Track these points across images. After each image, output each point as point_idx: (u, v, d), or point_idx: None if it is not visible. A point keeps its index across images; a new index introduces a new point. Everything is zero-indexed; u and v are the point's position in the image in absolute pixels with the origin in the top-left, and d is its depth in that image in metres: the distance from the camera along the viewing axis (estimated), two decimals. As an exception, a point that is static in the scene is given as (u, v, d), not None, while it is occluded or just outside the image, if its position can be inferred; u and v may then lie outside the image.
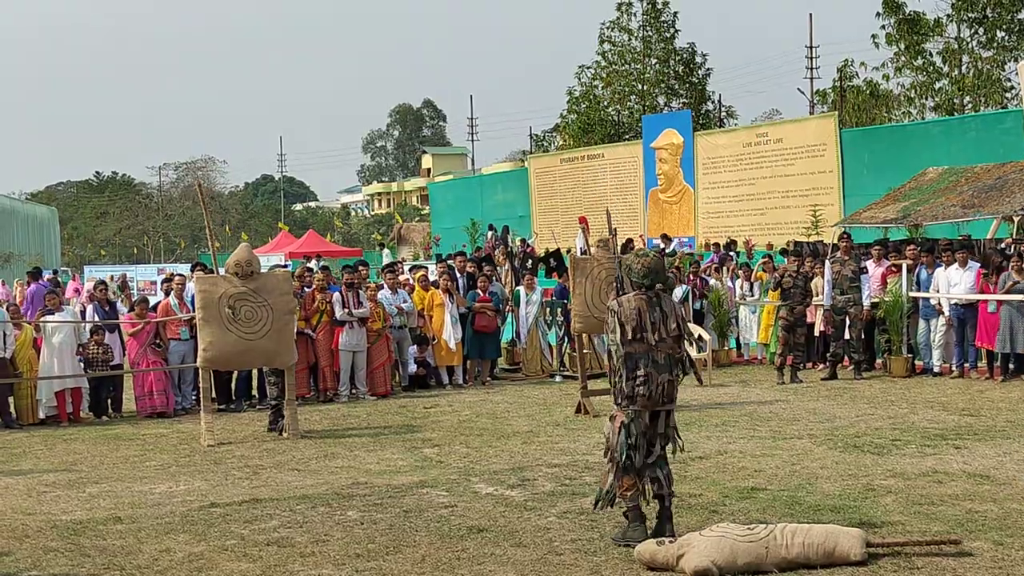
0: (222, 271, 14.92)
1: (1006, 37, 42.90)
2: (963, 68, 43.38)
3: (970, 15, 42.88)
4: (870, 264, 19.72)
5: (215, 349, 14.24)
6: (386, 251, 43.05)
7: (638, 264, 8.97)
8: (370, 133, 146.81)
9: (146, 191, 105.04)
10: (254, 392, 18.01)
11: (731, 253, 26.14)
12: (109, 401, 17.28)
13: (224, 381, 17.55)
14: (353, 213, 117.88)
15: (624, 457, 8.66)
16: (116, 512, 10.25)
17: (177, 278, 18.71)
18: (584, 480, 10.96)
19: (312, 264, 25.34)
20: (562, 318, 20.65)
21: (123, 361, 17.67)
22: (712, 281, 22.41)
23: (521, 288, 21.05)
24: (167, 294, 18.03)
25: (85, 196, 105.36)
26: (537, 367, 20.71)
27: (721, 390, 17.78)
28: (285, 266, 28.83)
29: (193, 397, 17.38)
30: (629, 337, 8.71)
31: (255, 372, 17.48)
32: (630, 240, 29.47)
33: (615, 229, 16.31)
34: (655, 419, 8.77)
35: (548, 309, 21.29)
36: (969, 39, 43.50)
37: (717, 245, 29.59)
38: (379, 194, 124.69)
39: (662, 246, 31.52)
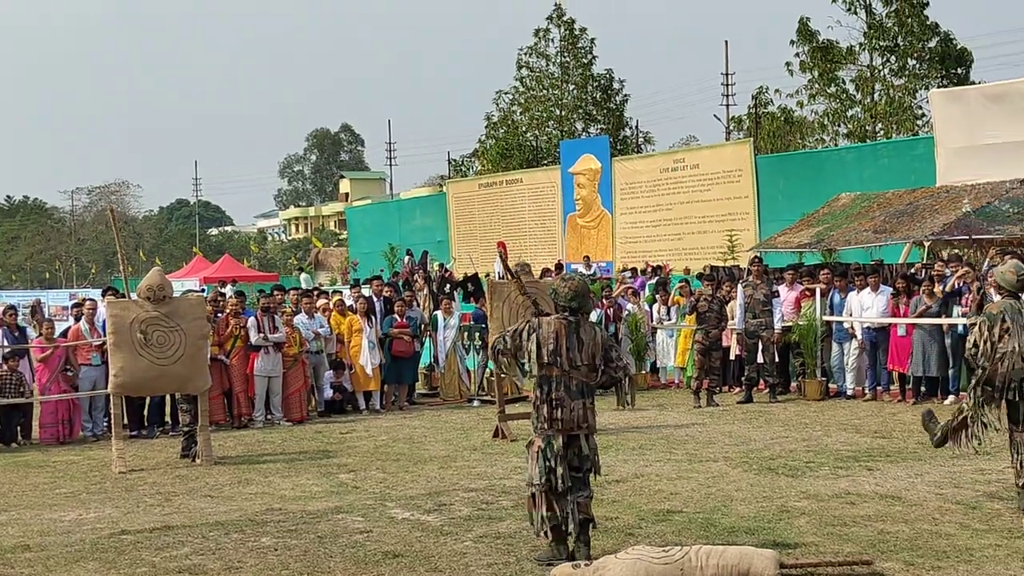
0: (134, 296, 14.74)
1: (917, 65, 43.66)
2: (875, 96, 44.06)
3: (882, 44, 43.59)
4: (783, 288, 19.92)
5: (126, 375, 14.05)
6: (304, 276, 42.75)
7: (564, 287, 9.02)
8: (287, 157, 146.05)
9: (58, 215, 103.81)
10: (167, 418, 17.78)
11: (664, 277, 26.25)
12: (19, 428, 16.97)
13: (136, 407, 17.29)
14: (270, 238, 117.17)
15: (544, 480, 8.69)
16: (24, 540, 10.06)
17: (88, 303, 18.44)
18: (501, 504, 10.94)
19: (226, 289, 25.12)
20: (480, 343, 20.64)
21: (33, 387, 17.37)
22: (629, 305, 22.50)
23: (439, 313, 21.00)
24: (77, 319, 17.77)
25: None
26: (455, 392, 20.66)
27: (638, 414, 17.84)
28: (200, 291, 28.55)
29: (104, 423, 17.12)
30: (545, 360, 8.76)
31: (168, 398, 17.27)
32: (559, 265, 29.62)
33: (524, 265, 16.36)
34: (572, 442, 8.81)
35: (466, 334, 21.28)
36: (881, 67, 44.21)
37: (635, 270, 29.74)
38: (296, 219, 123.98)
39: (582, 270, 31.66)
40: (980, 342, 10.19)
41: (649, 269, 28.96)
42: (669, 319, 21.93)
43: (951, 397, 17.41)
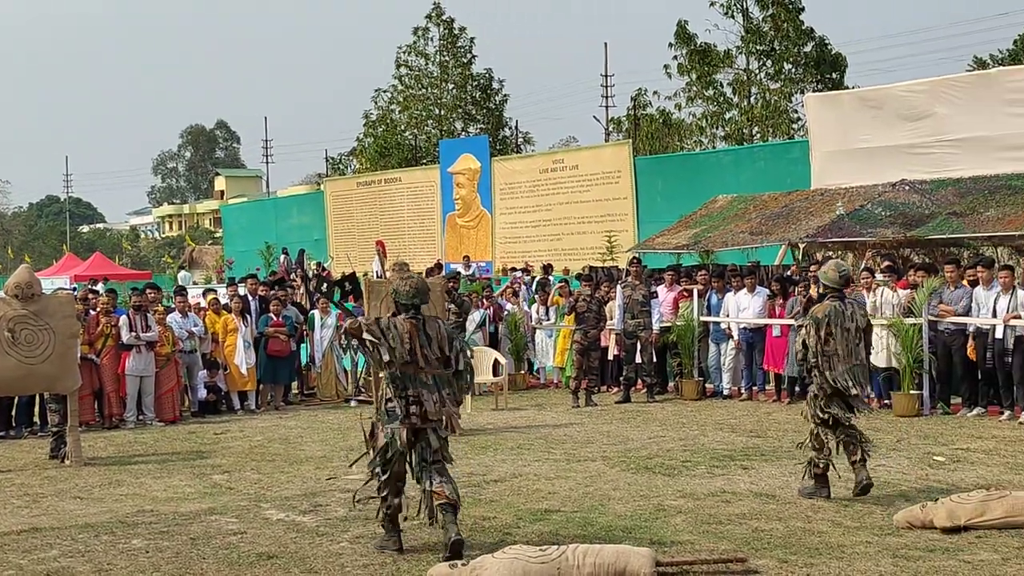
0: (1, 294, 14.34)
1: (793, 69, 44.45)
2: (752, 99, 44.72)
3: (758, 48, 44.31)
4: (662, 289, 20.07)
5: (-7, 374, 13.67)
6: (182, 274, 42.08)
7: (405, 286, 9.18)
8: (161, 154, 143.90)
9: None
10: (35, 418, 17.35)
11: (549, 277, 26.26)
12: None
13: (4, 407, 16.85)
14: (143, 235, 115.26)
15: (384, 472, 8.96)
16: None
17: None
18: (377, 505, 10.82)
19: (98, 287, 24.60)
20: (357, 343, 20.45)
21: None
22: (509, 306, 22.50)
23: (316, 312, 20.78)
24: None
25: None
26: (332, 391, 20.47)
27: (517, 413, 17.84)
28: (71, 289, 27.94)
29: (-30, 424, 16.66)
30: (401, 359, 8.87)
31: (36, 397, 16.86)
32: (439, 264, 29.52)
33: (402, 264, 16.26)
34: (420, 435, 8.93)
35: (344, 334, 21.07)
36: (758, 71, 44.91)
37: (515, 269, 29.77)
38: (170, 216, 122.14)
39: (462, 270, 31.61)
40: (810, 344, 10.73)
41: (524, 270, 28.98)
42: (548, 319, 21.97)
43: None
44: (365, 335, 9.00)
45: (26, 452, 15.28)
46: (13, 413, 17.06)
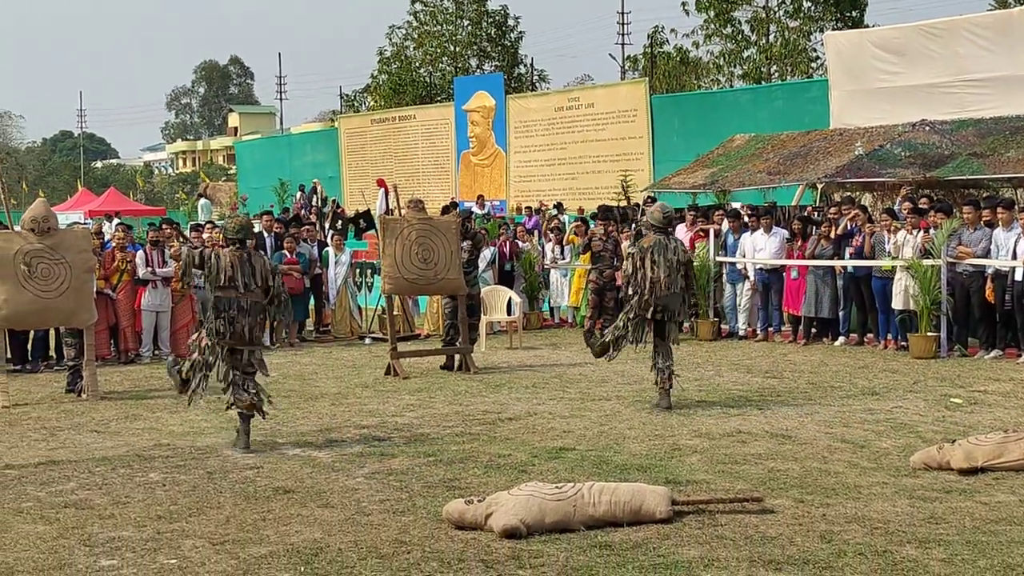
0: (17, 228, 14.33)
1: (812, 7, 44.04)
2: (771, 37, 44.35)
3: (778, -15, 43.89)
4: (681, 228, 19.98)
5: (10, 307, 13.67)
6: (203, 202, 41.79)
7: (231, 223, 10.98)
8: (175, 90, 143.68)
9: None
10: (51, 352, 17.41)
11: (560, 216, 26.18)
12: None
13: (20, 341, 16.90)
14: (156, 171, 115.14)
15: (197, 383, 10.73)
16: (-100, 476, 9.78)
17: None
18: (393, 441, 10.86)
19: (109, 223, 24.48)
20: (373, 279, 20.46)
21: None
22: (523, 244, 22.45)
23: (330, 249, 20.75)
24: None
25: None
26: (347, 329, 20.47)
27: (531, 352, 17.84)
28: (86, 224, 27.94)
29: (-14, 357, 16.71)
30: (221, 284, 10.50)
31: (52, 332, 16.90)
32: (454, 202, 29.42)
33: (417, 201, 16.21)
34: (237, 353, 10.58)
35: (358, 270, 21.07)
36: (776, 8, 44.51)
37: (530, 208, 29.71)
38: (184, 152, 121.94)
39: (476, 209, 31.53)
40: (632, 271, 12.30)
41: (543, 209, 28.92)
42: (563, 258, 21.91)
43: (841, 339, 17.64)
44: (182, 260, 10.85)
45: (42, 386, 15.34)
46: (29, 347, 17.12)
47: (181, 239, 16.86)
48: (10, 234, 14.17)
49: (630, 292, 12.34)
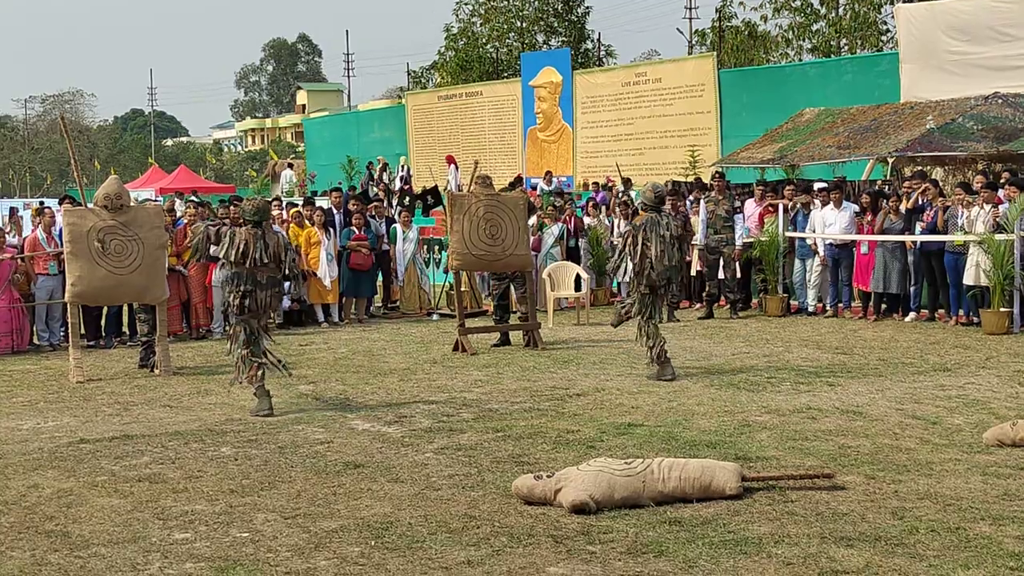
0: (91, 205, 14.51)
1: (883, -20, 43.45)
2: (840, 10, 43.86)
3: (848, -43, 43.36)
4: (751, 203, 19.86)
5: (84, 284, 13.87)
6: (286, 171, 41.86)
7: (248, 205, 11.79)
8: (243, 68, 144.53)
9: (12, 124, 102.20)
10: (124, 328, 17.63)
11: (629, 192, 26.08)
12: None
13: (94, 317, 17.13)
14: (226, 149, 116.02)
15: (246, 352, 11.38)
16: (-20, 449, 9.96)
17: (47, 211, 18.17)
18: (462, 416, 10.90)
19: (180, 201, 24.62)
20: (441, 255, 20.51)
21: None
22: (589, 220, 22.38)
23: (398, 225, 20.82)
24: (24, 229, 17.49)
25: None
26: (416, 305, 20.54)
27: (599, 328, 17.82)
28: (156, 201, 28.21)
29: (61, 333, 16.96)
30: (235, 259, 11.28)
31: (125, 308, 17.10)
32: (519, 178, 29.41)
33: (485, 177, 16.23)
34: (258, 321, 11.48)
35: (426, 247, 21.12)
36: (847, -19, 43.97)
37: (596, 184, 29.63)
38: (252, 130, 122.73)
39: (543, 185, 31.52)
40: (627, 248, 13.00)
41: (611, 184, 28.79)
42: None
43: (912, 314, 17.47)
44: (197, 235, 11.84)
45: (116, 361, 15.54)
46: (103, 323, 17.34)
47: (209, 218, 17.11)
48: (84, 211, 14.34)
49: (632, 268, 12.98)
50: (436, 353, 15.54)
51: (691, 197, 20.73)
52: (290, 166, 44.04)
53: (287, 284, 12.06)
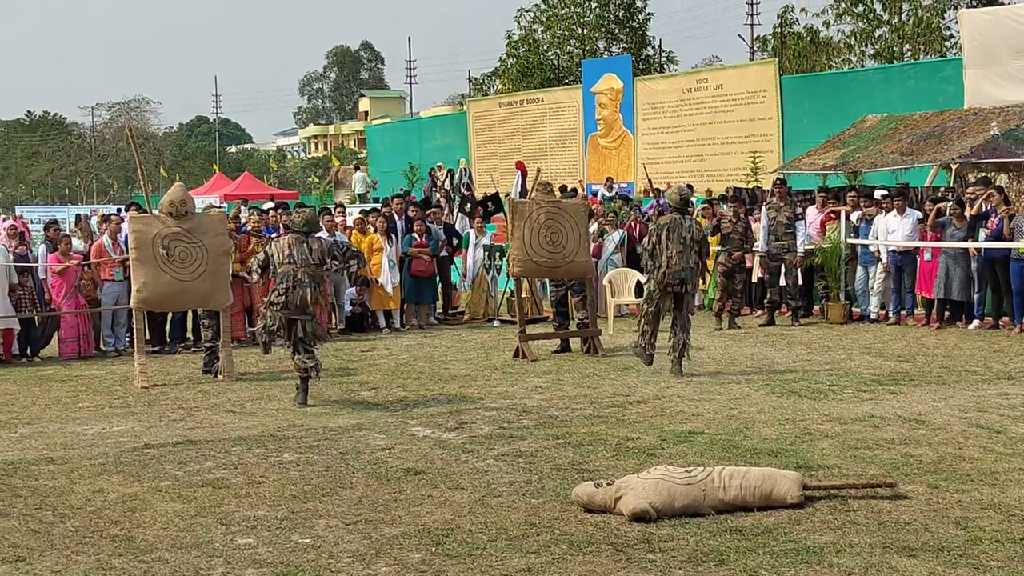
0: (156, 211, 14.68)
1: (946, -15, 43.00)
2: (903, 16, 43.43)
3: (911, -38, 42.93)
4: (812, 210, 19.75)
5: (149, 290, 14.04)
6: (358, 175, 41.94)
7: (298, 217, 12.56)
8: (307, 75, 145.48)
9: (79, 131, 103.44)
10: (188, 334, 17.81)
11: (691, 199, 25.98)
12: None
13: (158, 323, 17.34)
14: (289, 156, 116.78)
15: (270, 341, 12.50)
16: (48, 453, 10.11)
17: (113, 218, 18.41)
18: (522, 423, 10.92)
19: (268, 205, 24.71)
20: (501, 262, 20.57)
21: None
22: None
23: (471, 231, 20.90)
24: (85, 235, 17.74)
25: (16, 136, 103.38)
26: (483, 310, 20.55)
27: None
28: (221, 207, 28.44)
29: (126, 339, 17.17)
30: (281, 262, 12.16)
31: (189, 314, 17.28)
32: (567, 187, 29.33)
33: (545, 184, 16.27)
34: (293, 324, 12.11)
35: (487, 253, 21.17)
36: (910, -13, 43.55)
37: (657, 191, 29.53)
38: (316, 137, 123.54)
39: (604, 191, 31.47)
40: (649, 246, 13.62)
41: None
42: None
43: (975, 322, 17.30)
44: (254, 266, 12.78)
45: (180, 367, 15.70)
46: (167, 329, 17.54)
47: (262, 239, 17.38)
48: (149, 218, 14.52)
49: (651, 265, 13.63)
50: (497, 359, 15.58)
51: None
52: (357, 168, 44.20)
53: (352, 272, 12.85)
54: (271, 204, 25.96)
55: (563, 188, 26.42)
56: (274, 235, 16.80)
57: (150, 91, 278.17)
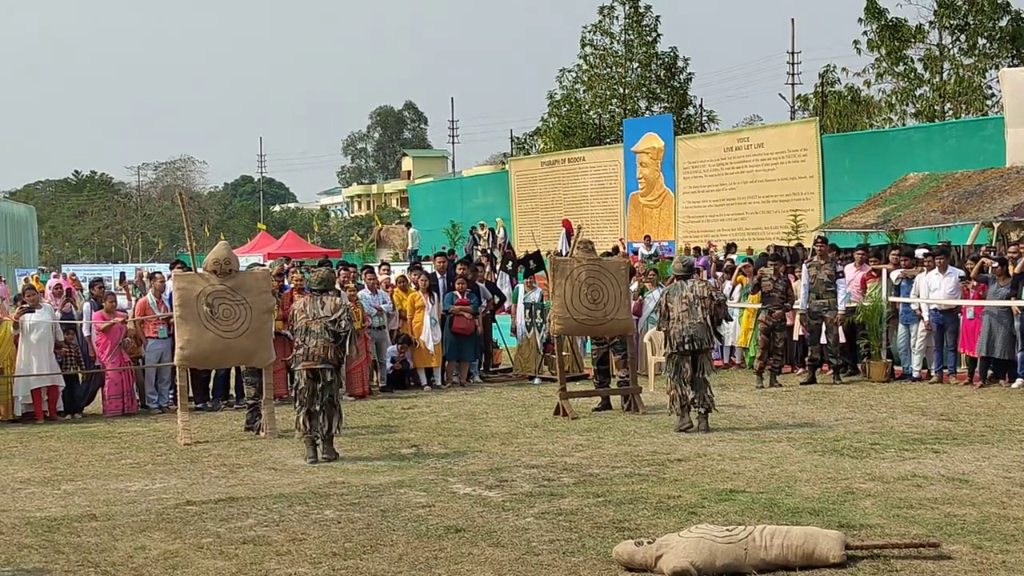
0: (200, 270, 14.83)
1: (987, 44, 43.02)
2: (944, 75, 43.47)
3: (952, 22, 42.98)
4: (851, 268, 19.70)
5: (192, 347, 14.16)
6: (412, 231, 42.25)
7: (314, 276, 13.42)
8: (351, 135, 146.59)
9: (125, 191, 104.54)
10: (231, 391, 17.92)
11: (731, 256, 26.05)
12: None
13: (202, 380, 17.45)
14: (332, 215, 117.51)
15: (300, 405, 12.60)
16: (91, 509, 10.18)
17: (158, 276, 18.60)
18: (563, 481, 10.92)
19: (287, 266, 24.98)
20: (542, 320, 20.59)
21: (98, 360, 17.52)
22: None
23: (521, 286, 20.98)
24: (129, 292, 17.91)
25: (63, 195, 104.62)
26: (531, 366, 20.53)
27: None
28: (264, 266, 28.66)
29: (170, 396, 17.28)
30: (300, 319, 12.76)
31: (233, 371, 17.39)
32: (617, 250, 29.43)
33: (587, 242, 16.36)
34: (317, 375, 12.58)
35: (529, 311, 21.19)
36: (951, 46, 43.61)
37: (698, 249, 29.58)
38: (359, 196, 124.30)
39: (643, 250, 31.53)
40: (660, 309, 14.63)
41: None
42: (732, 299, 21.73)
43: (1019, 380, 17.17)
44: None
45: (223, 424, 15.79)
46: (211, 386, 17.65)
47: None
48: (194, 276, 14.67)
49: (664, 327, 14.51)
50: (537, 417, 15.59)
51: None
52: (409, 225, 44.60)
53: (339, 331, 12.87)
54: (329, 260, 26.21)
55: (614, 250, 26.49)
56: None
57: (196, 151, 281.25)
